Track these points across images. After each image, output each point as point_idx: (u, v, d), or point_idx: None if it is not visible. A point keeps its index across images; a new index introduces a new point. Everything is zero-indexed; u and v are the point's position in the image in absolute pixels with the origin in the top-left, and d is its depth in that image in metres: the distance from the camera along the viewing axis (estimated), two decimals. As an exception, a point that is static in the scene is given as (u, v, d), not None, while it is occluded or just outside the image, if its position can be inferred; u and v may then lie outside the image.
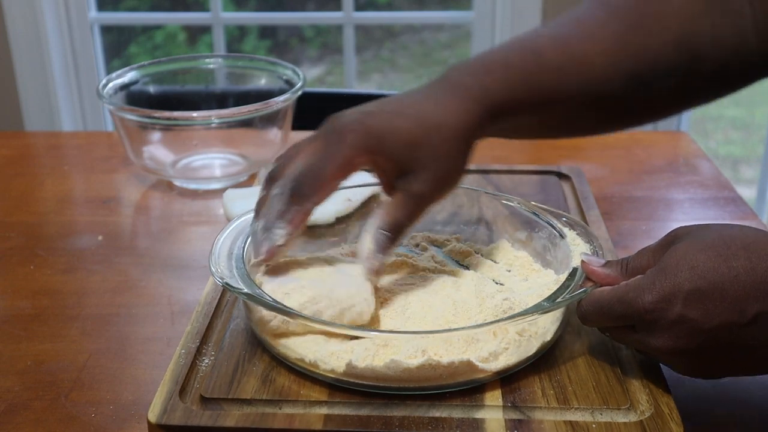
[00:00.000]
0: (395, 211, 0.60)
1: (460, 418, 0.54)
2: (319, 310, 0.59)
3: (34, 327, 0.71)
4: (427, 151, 0.60)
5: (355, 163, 0.59)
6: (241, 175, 1.01)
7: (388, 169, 0.61)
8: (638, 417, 0.54)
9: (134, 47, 3.31)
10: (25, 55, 2.09)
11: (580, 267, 0.61)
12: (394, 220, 0.60)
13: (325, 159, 0.59)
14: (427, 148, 0.60)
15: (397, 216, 0.60)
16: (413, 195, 0.60)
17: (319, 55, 3.65)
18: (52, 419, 0.60)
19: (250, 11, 3.33)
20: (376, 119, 0.60)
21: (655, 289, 0.53)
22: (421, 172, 0.60)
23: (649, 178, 0.99)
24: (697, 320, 0.52)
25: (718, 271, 0.51)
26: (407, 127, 0.60)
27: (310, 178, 0.59)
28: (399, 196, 0.60)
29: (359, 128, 0.59)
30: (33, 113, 2.14)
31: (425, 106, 0.61)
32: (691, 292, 0.52)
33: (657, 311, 0.53)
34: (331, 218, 0.77)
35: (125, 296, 0.76)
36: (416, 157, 0.59)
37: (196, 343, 0.61)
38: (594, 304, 0.56)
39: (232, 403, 0.55)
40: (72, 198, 0.99)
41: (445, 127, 0.60)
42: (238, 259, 0.63)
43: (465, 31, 3.36)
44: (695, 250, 0.53)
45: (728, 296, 0.51)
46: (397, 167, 0.60)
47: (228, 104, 1.12)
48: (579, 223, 0.68)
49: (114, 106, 0.97)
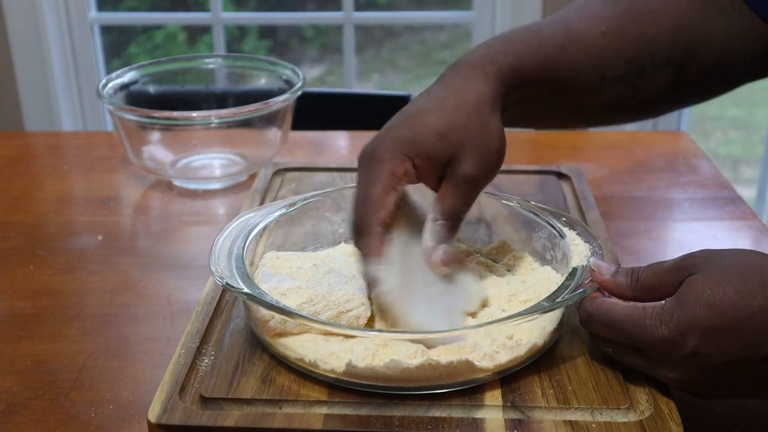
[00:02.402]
0: (448, 199, 0.60)
1: (460, 418, 0.54)
2: (317, 311, 0.59)
3: (34, 327, 0.71)
4: (460, 133, 0.60)
5: (398, 175, 0.59)
6: (240, 175, 1.01)
7: (430, 169, 0.60)
8: (638, 417, 0.54)
9: (134, 47, 3.31)
10: (25, 55, 2.09)
11: (580, 267, 0.61)
12: (449, 207, 0.60)
13: (368, 183, 0.59)
14: (458, 130, 0.60)
15: (452, 203, 0.60)
16: (462, 179, 0.60)
17: (319, 55, 3.65)
18: (52, 419, 0.60)
19: (250, 11, 3.33)
20: (400, 127, 0.60)
21: (673, 322, 0.52)
22: (461, 154, 0.60)
23: (649, 178, 0.99)
24: (711, 356, 0.52)
25: (735, 309, 0.51)
26: (431, 120, 0.60)
27: (363, 206, 0.59)
28: (448, 184, 0.60)
29: (387, 142, 0.60)
30: (33, 113, 2.14)
31: (440, 94, 0.62)
32: (707, 330, 0.52)
33: (671, 344, 0.53)
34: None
35: (125, 296, 0.76)
36: (451, 143, 0.59)
37: (196, 343, 0.61)
38: (604, 315, 0.56)
39: (232, 403, 0.55)
40: (72, 198, 0.99)
41: (467, 104, 0.60)
42: (238, 259, 0.63)
43: (465, 31, 3.36)
44: (713, 284, 0.52)
45: (744, 335, 0.51)
46: (437, 162, 0.60)
47: (228, 104, 1.12)
48: (579, 223, 0.68)
49: (114, 106, 0.97)
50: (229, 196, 0.98)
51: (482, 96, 0.61)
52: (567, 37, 0.66)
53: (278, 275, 0.64)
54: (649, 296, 0.56)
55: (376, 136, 0.61)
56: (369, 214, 0.59)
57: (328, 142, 1.14)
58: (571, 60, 0.66)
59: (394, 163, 0.59)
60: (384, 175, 0.59)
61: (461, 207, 0.60)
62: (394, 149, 0.59)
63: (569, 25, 0.67)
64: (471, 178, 0.60)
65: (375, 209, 0.59)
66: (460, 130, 0.60)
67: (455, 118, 0.60)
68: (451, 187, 0.60)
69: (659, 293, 0.56)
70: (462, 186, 0.60)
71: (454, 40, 3.72)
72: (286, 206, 0.72)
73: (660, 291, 0.56)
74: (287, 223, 0.72)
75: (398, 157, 0.59)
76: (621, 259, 0.75)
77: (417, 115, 0.61)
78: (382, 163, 0.59)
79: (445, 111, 0.60)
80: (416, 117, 0.61)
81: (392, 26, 3.66)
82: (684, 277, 0.54)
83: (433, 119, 0.60)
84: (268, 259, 0.67)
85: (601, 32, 0.67)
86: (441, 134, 0.59)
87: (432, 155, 0.60)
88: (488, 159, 0.61)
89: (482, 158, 0.60)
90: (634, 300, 0.57)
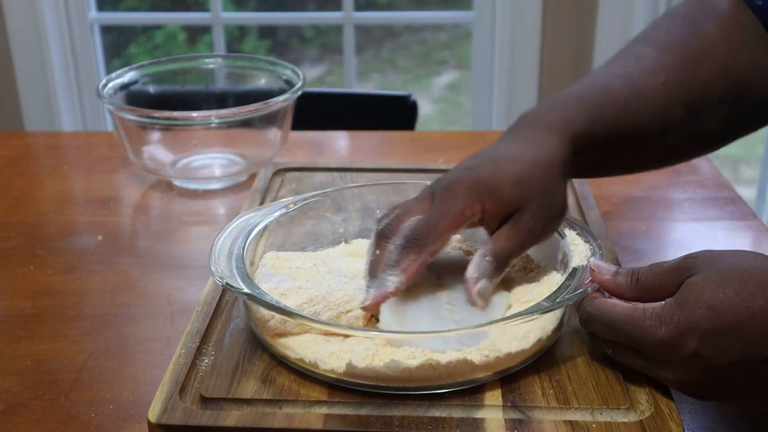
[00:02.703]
0: (503, 241, 0.61)
1: (460, 418, 0.54)
2: (317, 312, 0.59)
3: (34, 327, 0.71)
4: (533, 186, 0.61)
5: (467, 216, 0.60)
6: (240, 175, 1.01)
7: (497, 214, 0.61)
8: (638, 417, 0.54)
9: (134, 47, 3.31)
10: (25, 55, 2.09)
11: (580, 267, 0.61)
12: (501, 249, 0.60)
13: (440, 213, 0.60)
14: (533, 184, 0.61)
15: (505, 245, 0.61)
16: (522, 227, 0.61)
17: (319, 55, 3.65)
18: (52, 419, 0.60)
19: (250, 11, 3.33)
20: (481, 171, 0.61)
21: (672, 323, 0.53)
22: (529, 206, 0.61)
23: (649, 178, 0.99)
24: (711, 357, 0.52)
25: (735, 311, 0.51)
26: (511, 169, 0.61)
27: (426, 230, 0.60)
28: (507, 228, 0.61)
29: (468, 182, 0.60)
30: (33, 113, 2.14)
31: (520, 147, 0.63)
32: (707, 331, 0.52)
33: (671, 346, 0.53)
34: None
35: (125, 296, 0.76)
36: (523, 193, 0.61)
37: (196, 343, 0.61)
38: (604, 315, 0.56)
39: (232, 403, 0.55)
40: (72, 198, 0.99)
41: (544, 162, 0.62)
42: (238, 259, 0.63)
43: (465, 31, 3.36)
44: (713, 286, 0.52)
45: (744, 336, 0.51)
46: (505, 209, 0.61)
47: (228, 104, 1.12)
48: (579, 223, 0.68)
49: (114, 106, 0.97)
50: (229, 196, 0.98)
51: (557, 156, 0.63)
52: (630, 91, 0.68)
53: (278, 275, 0.64)
54: (649, 297, 0.56)
55: (456, 169, 0.63)
56: (427, 239, 0.59)
57: (328, 142, 1.14)
58: (636, 115, 0.68)
59: (467, 205, 0.60)
60: (455, 211, 0.60)
61: (513, 251, 0.61)
62: (470, 189, 0.60)
63: (631, 78, 0.69)
64: (532, 228, 0.61)
65: (434, 239, 0.59)
66: (534, 184, 0.61)
67: (531, 171, 0.61)
68: (510, 232, 0.61)
69: (659, 294, 0.56)
70: (521, 233, 0.61)
71: (454, 40, 3.72)
72: (286, 206, 0.72)
73: (660, 292, 0.56)
74: (287, 223, 0.72)
75: (471, 198, 0.60)
76: (621, 259, 0.75)
77: (497, 161, 0.62)
78: (458, 200, 0.60)
79: (524, 163, 0.62)
80: (496, 162, 0.62)
81: (392, 26, 3.66)
82: (684, 278, 0.54)
83: (511, 167, 0.61)
84: (268, 259, 0.67)
85: (661, 83, 0.69)
86: (516, 183, 0.61)
87: (503, 201, 0.61)
88: (551, 217, 0.62)
89: (546, 215, 0.62)
90: (634, 300, 0.57)
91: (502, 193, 0.60)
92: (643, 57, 0.71)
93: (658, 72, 0.69)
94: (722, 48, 0.70)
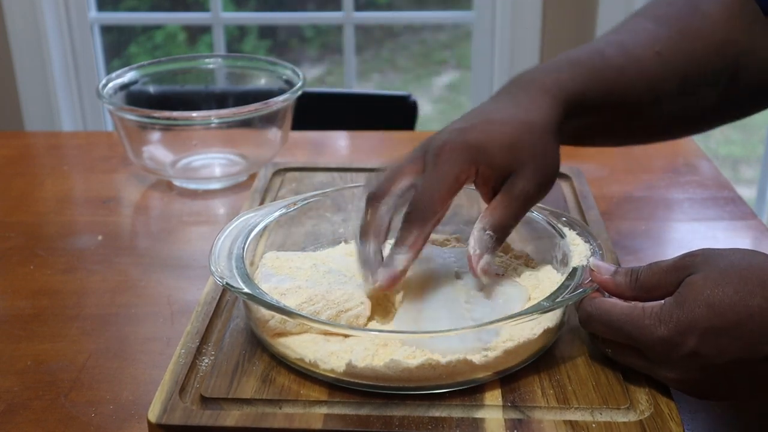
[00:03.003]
0: (500, 212, 0.60)
1: (460, 418, 0.54)
2: (316, 311, 0.60)
3: (34, 327, 0.71)
4: (525, 150, 0.61)
5: (462, 180, 0.60)
6: (240, 175, 1.01)
7: (489, 177, 0.61)
8: (638, 417, 0.54)
9: (134, 47, 3.31)
10: (25, 55, 2.09)
11: (580, 267, 0.61)
12: (499, 220, 0.60)
13: (435, 180, 0.60)
14: (525, 147, 0.61)
15: (503, 216, 0.60)
16: (517, 194, 0.61)
17: (319, 55, 3.65)
18: (52, 419, 0.60)
19: (250, 11, 3.33)
20: (472, 132, 0.61)
21: (672, 322, 0.52)
22: (522, 171, 0.61)
23: (649, 178, 0.99)
24: (710, 356, 0.52)
25: (735, 309, 0.51)
26: (502, 131, 0.61)
27: (425, 202, 0.59)
28: (503, 198, 0.61)
29: (459, 145, 0.60)
30: (33, 113, 2.14)
31: (511, 109, 0.63)
32: (707, 330, 0.52)
33: (670, 345, 0.53)
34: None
35: (125, 296, 0.76)
36: (516, 157, 0.61)
37: (196, 343, 0.61)
38: (603, 315, 0.56)
39: (232, 403, 0.55)
40: (72, 198, 0.99)
41: (535, 125, 0.62)
42: (238, 258, 0.63)
43: (465, 31, 3.36)
44: (713, 284, 0.52)
45: (743, 335, 0.51)
46: (498, 173, 0.61)
47: (228, 104, 1.12)
48: (579, 223, 0.68)
49: (114, 106, 0.97)
50: (229, 196, 0.98)
51: (549, 119, 0.63)
52: (625, 58, 0.68)
53: (278, 275, 0.64)
54: (649, 296, 0.56)
55: (446, 131, 0.62)
56: (428, 211, 0.59)
57: (328, 142, 1.14)
58: (629, 82, 0.68)
59: (462, 168, 0.60)
60: (451, 177, 0.60)
61: (512, 221, 0.61)
62: (462, 152, 0.60)
63: (627, 47, 0.69)
64: (527, 194, 0.61)
65: (434, 210, 0.59)
66: (526, 147, 0.61)
67: (523, 134, 0.61)
68: (505, 201, 0.61)
69: (659, 293, 0.56)
70: (517, 201, 0.61)
71: (454, 40, 3.72)
72: (286, 206, 0.72)
73: (659, 291, 0.56)
74: (287, 223, 0.72)
75: (466, 162, 0.60)
76: (621, 259, 0.75)
77: (489, 123, 0.62)
78: (451, 164, 0.60)
79: (515, 126, 0.61)
80: (488, 124, 0.62)
81: (392, 26, 3.66)
82: (683, 276, 0.54)
83: (503, 130, 0.61)
84: (268, 259, 0.67)
85: (656, 53, 0.69)
86: (509, 147, 0.60)
87: (495, 165, 0.60)
88: (545, 180, 0.62)
89: (540, 178, 0.62)
90: (633, 300, 0.57)
91: (495, 157, 0.60)
92: (641, 29, 0.71)
93: (653, 43, 0.69)
94: (721, 27, 0.71)
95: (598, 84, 0.67)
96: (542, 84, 0.65)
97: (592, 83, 0.67)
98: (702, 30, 0.71)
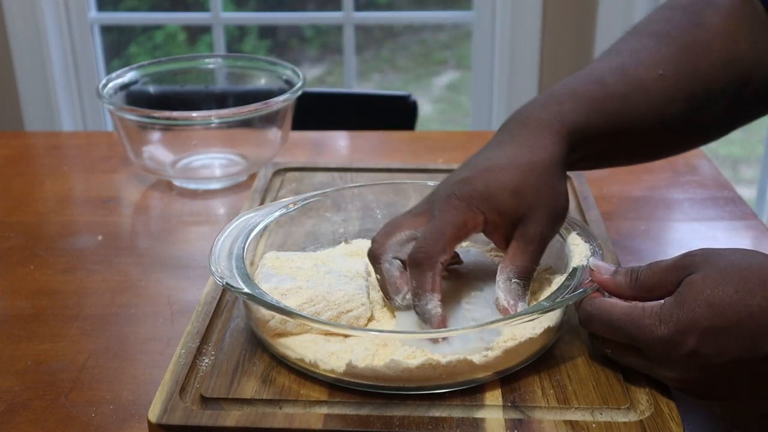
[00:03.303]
0: (520, 259, 0.61)
1: (460, 418, 0.54)
2: (317, 312, 0.60)
3: (34, 327, 0.71)
4: (532, 193, 0.61)
5: (470, 227, 0.60)
6: (240, 175, 1.01)
7: (500, 225, 0.61)
8: (638, 417, 0.54)
9: (134, 47, 3.31)
10: (25, 55, 2.09)
11: (580, 267, 0.61)
12: (521, 267, 0.60)
13: (440, 225, 0.59)
14: (531, 190, 0.61)
15: (523, 262, 0.60)
16: (531, 238, 0.61)
17: (319, 55, 3.65)
18: (52, 419, 0.60)
19: (250, 11, 3.33)
20: (477, 182, 0.61)
21: (672, 321, 0.52)
22: (532, 214, 0.61)
23: (649, 178, 0.99)
24: (710, 355, 0.52)
25: (735, 309, 0.51)
26: (507, 177, 0.61)
27: (433, 239, 0.59)
28: (518, 244, 0.61)
29: (465, 195, 0.60)
30: (33, 113, 2.14)
31: (514, 151, 0.62)
32: (707, 329, 0.52)
33: (671, 344, 0.53)
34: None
35: (125, 296, 0.76)
36: (523, 202, 0.60)
37: (196, 343, 0.61)
38: (603, 315, 0.56)
39: (232, 403, 0.55)
40: (72, 198, 0.99)
41: (539, 165, 0.61)
42: (238, 258, 0.63)
43: (465, 31, 3.37)
44: (713, 284, 0.52)
45: (743, 334, 0.51)
46: (507, 220, 0.61)
47: (228, 104, 1.12)
48: (579, 223, 0.68)
49: (114, 106, 0.97)
50: (229, 196, 0.98)
51: (553, 157, 0.62)
52: (626, 85, 0.67)
53: (278, 275, 0.64)
54: (649, 295, 0.56)
55: (449, 182, 0.62)
56: (435, 253, 0.59)
57: (328, 142, 1.14)
58: (633, 110, 0.67)
59: (468, 216, 0.60)
60: (458, 223, 0.59)
61: (531, 265, 0.61)
62: (469, 201, 0.60)
63: (627, 71, 0.67)
64: (541, 236, 0.61)
65: (441, 251, 0.59)
66: (533, 190, 0.61)
67: (528, 177, 0.61)
68: (522, 246, 0.61)
69: (659, 292, 0.56)
70: (532, 245, 0.61)
71: (454, 40, 3.72)
72: (286, 206, 0.72)
73: (659, 290, 0.56)
74: (287, 223, 0.72)
75: (473, 210, 0.60)
76: (621, 259, 0.75)
77: (492, 170, 0.61)
78: (457, 213, 0.60)
79: (519, 169, 0.61)
80: (491, 172, 0.61)
81: (392, 26, 3.67)
82: (683, 276, 0.54)
83: (507, 176, 0.61)
84: (268, 259, 0.67)
85: (659, 75, 0.67)
86: (514, 192, 0.60)
87: (503, 212, 0.60)
88: (556, 218, 0.62)
89: (551, 217, 0.61)
90: (633, 299, 0.57)
91: (502, 205, 0.60)
92: (640, 49, 0.69)
93: (655, 64, 0.68)
94: (724, 39, 0.69)
95: (600, 114, 0.65)
96: (543, 120, 0.64)
97: (594, 114, 0.65)
98: (706, 45, 0.68)
